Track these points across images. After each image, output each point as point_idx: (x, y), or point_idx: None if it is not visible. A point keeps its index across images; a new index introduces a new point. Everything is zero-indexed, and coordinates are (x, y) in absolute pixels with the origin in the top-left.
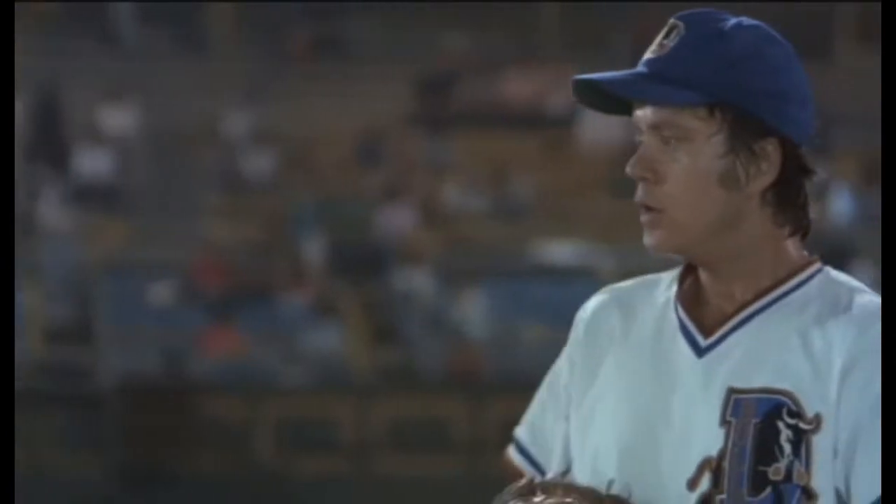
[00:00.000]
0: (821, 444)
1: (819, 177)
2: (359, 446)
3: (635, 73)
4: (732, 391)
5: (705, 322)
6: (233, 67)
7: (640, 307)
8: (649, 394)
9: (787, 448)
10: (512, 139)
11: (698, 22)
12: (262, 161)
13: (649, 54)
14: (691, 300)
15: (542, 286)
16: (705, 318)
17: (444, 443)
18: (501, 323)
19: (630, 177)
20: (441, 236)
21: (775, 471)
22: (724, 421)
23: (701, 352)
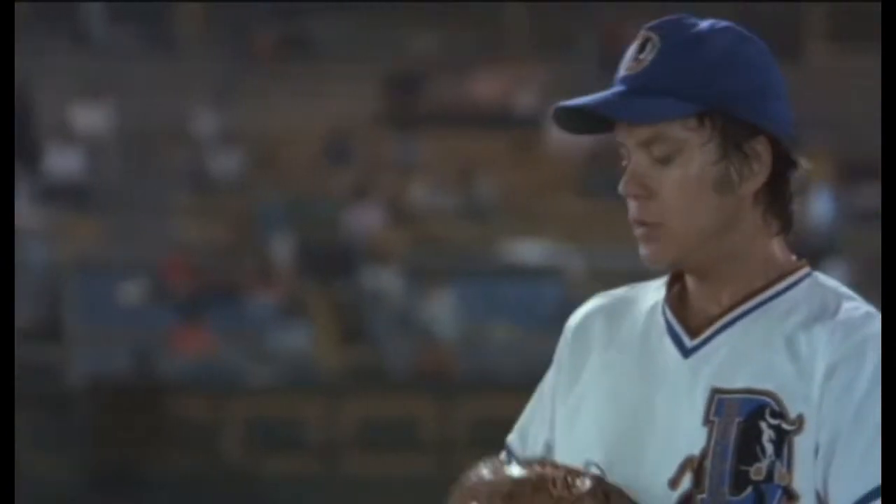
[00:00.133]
0: (803, 445)
1: (804, 168)
2: (327, 446)
3: (618, 93)
4: (716, 391)
5: (692, 324)
6: (201, 67)
7: (629, 311)
8: (635, 393)
9: (769, 448)
10: (480, 139)
11: (672, 31)
12: (231, 161)
13: (627, 71)
14: (679, 303)
15: (511, 286)
16: (692, 320)
17: (413, 442)
18: (470, 322)
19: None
20: (409, 236)
21: (756, 471)
22: (708, 420)
23: (687, 352)
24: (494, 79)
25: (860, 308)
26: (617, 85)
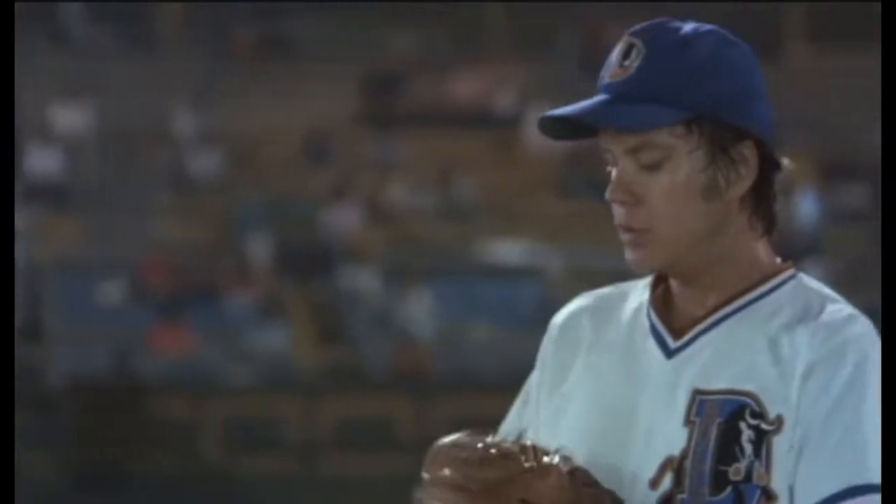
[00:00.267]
0: (781, 446)
1: (788, 169)
2: (306, 445)
3: (604, 101)
4: (698, 392)
5: (676, 325)
6: (181, 67)
7: (613, 312)
8: (618, 394)
9: (748, 448)
10: (459, 139)
11: (656, 36)
12: (210, 161)
13: (611, 78)
14: (663, 304)
15: (489, 286)
16: (676, 322)
17: (391, 442)
18: (448, 322)
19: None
20: (388, 236)
21: (735, 471)
22: (689, 421)
23: (670, 353)
24: (474, 79)
25: (843, 310)
26: (602, 92)
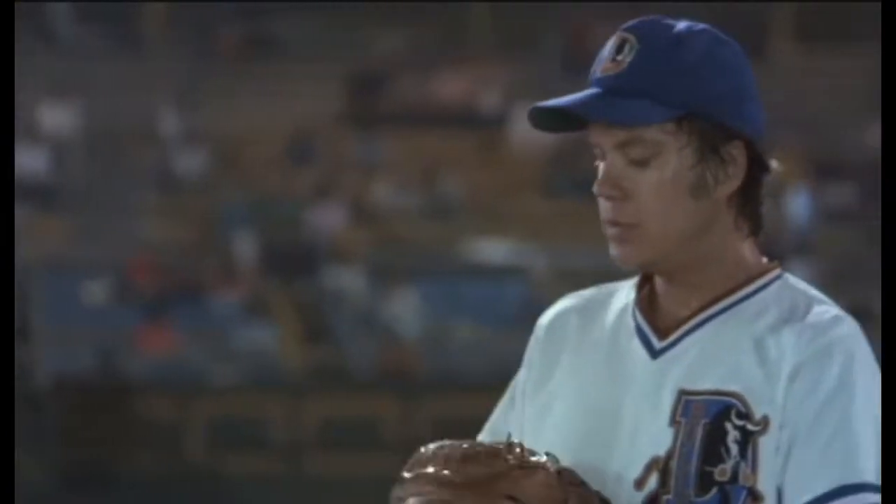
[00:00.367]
0: (767, 446)
1: (776, 171)
2: (290, 445)
3: (596, 94)
4: (683, 392)
5: (662, 325)
6: (165, 67)
7: (599, 312)
8: (603, 394)
9: (734, 449)
10: (443, 138)
11: (650, 32)
12: (195, 160)
13: (603, 72)
14: (649, 305)
15: (474, 285)
16: (662, 322)
17: (376, 442)
18: (433, 322)
19: (589, 186)
20: (372, 235)
21: (721, 472)
22: (674, 421)
23: (655, 354)
24: (458, 79)
25: (829, 311)
26: (593, 85)
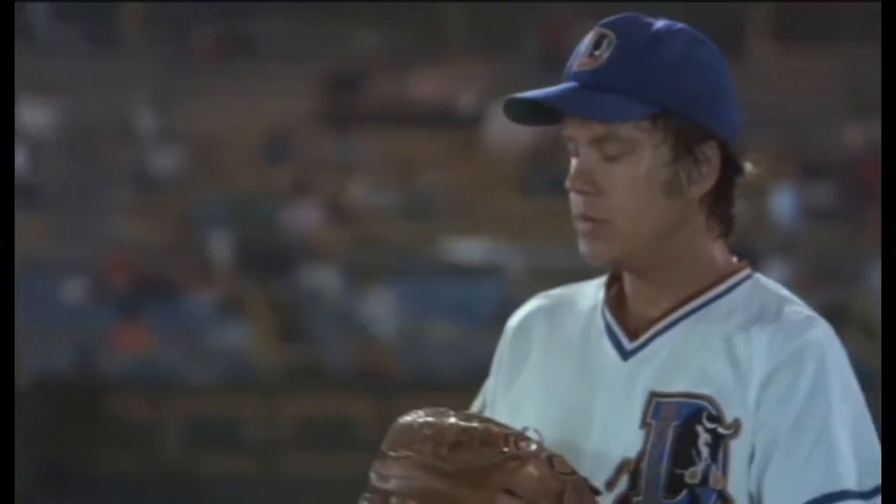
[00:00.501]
0: (738, 450)
1: (750, 172)
2: (266, 445)
3: (572, 88)
4: (654, 395)
5: (632, 326)
6: (141, 66)
7: (568, 312)
8: (573, 394)
9: (705, 452)
10: (420, 137)
11: (628, 29)
12: (170, 159)
13: (580, 66)
14: (618, 304)
15: (450, 284)
16: (632, 322)
17: (352, 441)
18: (409, 321)
19: (567, 185)
20: (348, 234)
21: (692, 474)
22: (645, 423)
23: (626, 355)
24: (435, 78)
25: (801, 312)
26: (570, 79)
